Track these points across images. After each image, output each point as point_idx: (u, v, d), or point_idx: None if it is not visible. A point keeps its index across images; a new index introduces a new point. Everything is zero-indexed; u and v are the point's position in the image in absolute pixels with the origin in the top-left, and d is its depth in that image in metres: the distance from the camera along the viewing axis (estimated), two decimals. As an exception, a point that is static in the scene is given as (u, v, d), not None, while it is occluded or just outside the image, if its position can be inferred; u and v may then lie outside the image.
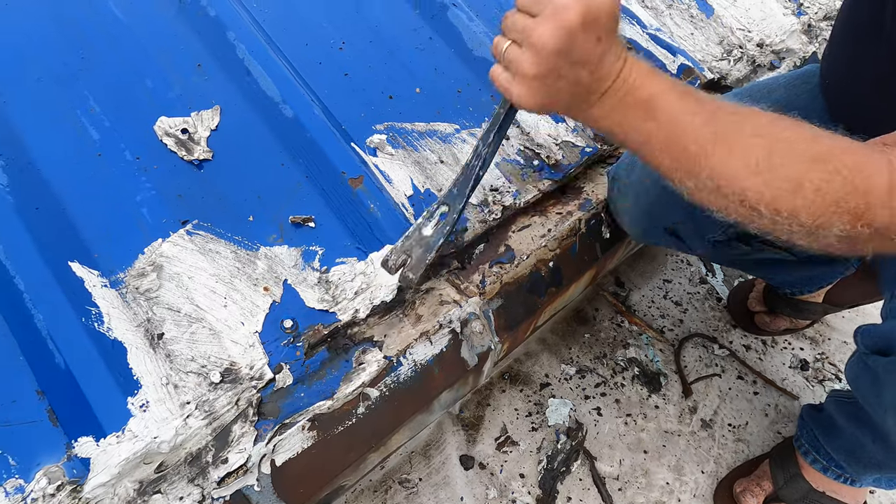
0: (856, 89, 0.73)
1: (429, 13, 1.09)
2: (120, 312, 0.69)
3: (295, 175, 0.85)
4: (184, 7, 0.95)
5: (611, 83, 0.54)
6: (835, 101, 0.78)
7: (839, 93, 0.77)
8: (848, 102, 0.75)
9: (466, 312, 0.81)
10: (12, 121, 0.77)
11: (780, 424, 1.13)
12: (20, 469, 0.60)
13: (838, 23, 0.77)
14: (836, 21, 0.78)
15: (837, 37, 0.77)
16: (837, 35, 0.77)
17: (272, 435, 0.66)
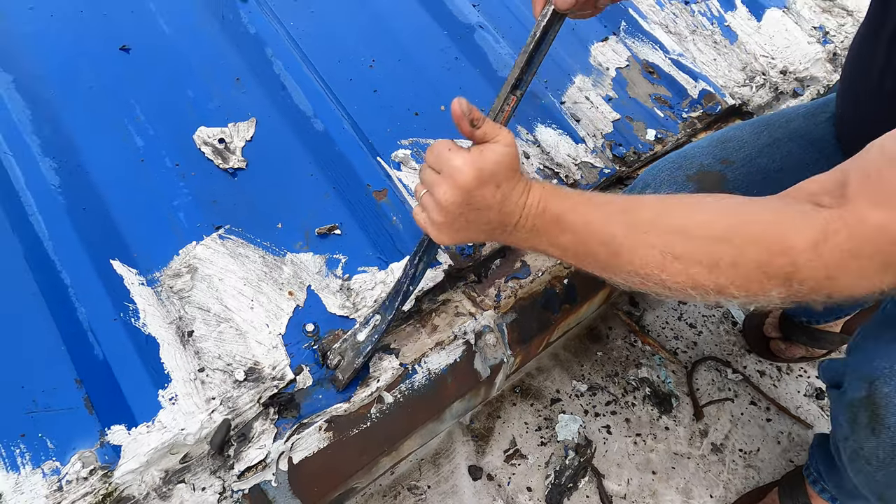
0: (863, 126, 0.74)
1: (456, 34, 1.13)
2: (155, 310, 0.73)
3: (323, 186, 0.89)
4: (226, 23, 1.01)
5: (519, 216, 0.60)
6: (846, 134, 0.79)
7: (850, 127, 0.78)
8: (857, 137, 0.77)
9: (481, 325, 0.83)
10: (66, 127, 0.83)
11: (793, 453, 1.12)
12: (57, 452, 0.64)
13: (847, 60, 0.79)
14: (846, 58, 0.80)
15: (846, 73, 0.78)
16: (846, 71, 0.78)
17: (291, 433, 0.69)
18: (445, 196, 0.58)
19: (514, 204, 0.59)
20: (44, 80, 0.86)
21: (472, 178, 0.57)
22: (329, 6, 1.09)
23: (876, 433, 0.58)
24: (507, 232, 0.62)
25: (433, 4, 1.16)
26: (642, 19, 1.31)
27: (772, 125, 0.88)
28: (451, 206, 0.58)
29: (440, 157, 0.59)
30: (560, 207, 0.58)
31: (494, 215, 0.60)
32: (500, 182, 0.58)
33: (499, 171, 0.57)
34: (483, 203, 0.58)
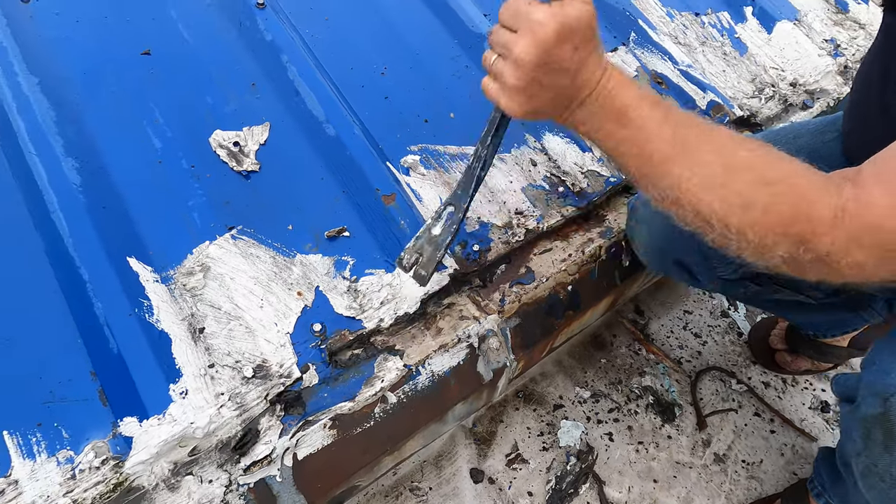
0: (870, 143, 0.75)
1: (467, 43, 1.16)
2: (168, 306, 0.76)
3: (333, 189, 0.91)
4: (243, 30, 1.04)
5: (590, 91, 0.57)
6: (853, 150, 0.80)
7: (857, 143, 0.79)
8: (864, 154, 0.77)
9: (485, 329, 0.84)
10: (89, 129, 0.86)
11: (797, 465, 1.11)
12: (71, 442, 0.66)
13: (858, 75, 0.79)
14: (857, 73, 0.80)
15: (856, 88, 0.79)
16: (856, 86, 0.79)
17: (296, 430, 0.71)
18: (524, 53, 0.54)
19: (589, 73, 0.57)
20: (68, 83, 0.90)
21: (554, 31, 0.53)
22: (343, 15, 1.12)
23: (890, 451, 0.58)
24: (573, 108, 0.59)
25: (445, 14, 1.18)
26: (652, 30, 1.33)
27: (778, 140, 0.88)
28: (529, 66, 0.55)
29: (518, 13, 0.55)
30: (630, 98, 0.56)
31: (567, 82, 0.56)
32: (580, 43, 0.55)
33: (579, 28, 0.54)
34: (561, 64, 0.55)
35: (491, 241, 0.92)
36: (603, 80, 0.57)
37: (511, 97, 0.58)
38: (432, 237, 0.73)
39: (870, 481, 0.64)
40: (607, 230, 1.01)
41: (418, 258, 0.73)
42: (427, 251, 0.73)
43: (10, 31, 0.91)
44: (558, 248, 0.96)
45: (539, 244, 0.96)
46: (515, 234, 0.94)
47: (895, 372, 0.60)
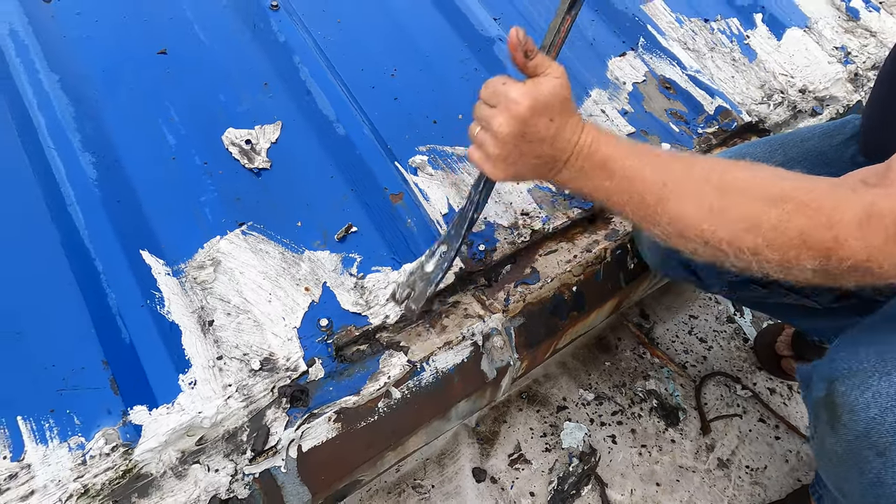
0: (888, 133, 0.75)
1: (476, 46, 1.17)
2: (179, 299, 0.77)
3: (342, 188, 0.92)
4: (257, 31, 1.06)
5: (570, 154, 0.61)
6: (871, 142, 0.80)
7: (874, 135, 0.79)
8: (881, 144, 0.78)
9: (489, 327, 0.85)
10: (106, 125, 0.89)
11: (801, 472, 1.11)
12: (83, 428, 0.68)
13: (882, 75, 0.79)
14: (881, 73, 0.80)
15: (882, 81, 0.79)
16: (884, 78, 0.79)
17: (301, 422, 0.72)
18: (502, 127, 0.59)
19: (566, 140, 0.60)
20: (87, 81, 0.92)
21: (527, 107, 0.58)
22: (355, 17, 1.14)
23: (835, 430, 0.59)
24: (557, 169, 0.62)
25: (455, 18, 1.20)
26: (661, 36, 1.33)
27: (786, 144, 0.89)
28: (507, 137, 0.59)
29: (496, 91, 0.60)
30: (610, 150, 0.60)
31: (547, 149, 0.61)
32: (554, 115, 0.59)
33: (553, 102, 0.59)
34: (537, 135, 0.59)
35: (497, 242, 0.93)
36: (581, 141, 0.60)
37: (494, 165, 0.63)
38: (424, 273, 0.77)
39: (821, 461, 0.65)
40: (613, 233, 1.01)
41: (410, 293, 0.77)
42: (419, 286, 0.77)
43: (33, 29, 0.94)
44: (563, 250, 0.97)
45: (544, 245, 0.97)
46: (521, 235, 0.95)
47: (840, 358, 0.61)
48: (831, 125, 0.91)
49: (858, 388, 0.57)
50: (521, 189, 1.01)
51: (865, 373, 0.58)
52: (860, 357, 0.60)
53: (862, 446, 0.56)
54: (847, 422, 0.58)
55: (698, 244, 0.56)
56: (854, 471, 0.58)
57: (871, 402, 0.56)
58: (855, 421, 0.57)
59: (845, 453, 0.59)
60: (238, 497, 0.68)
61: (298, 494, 0.71)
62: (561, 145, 0.61)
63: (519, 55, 0.60)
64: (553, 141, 0.60)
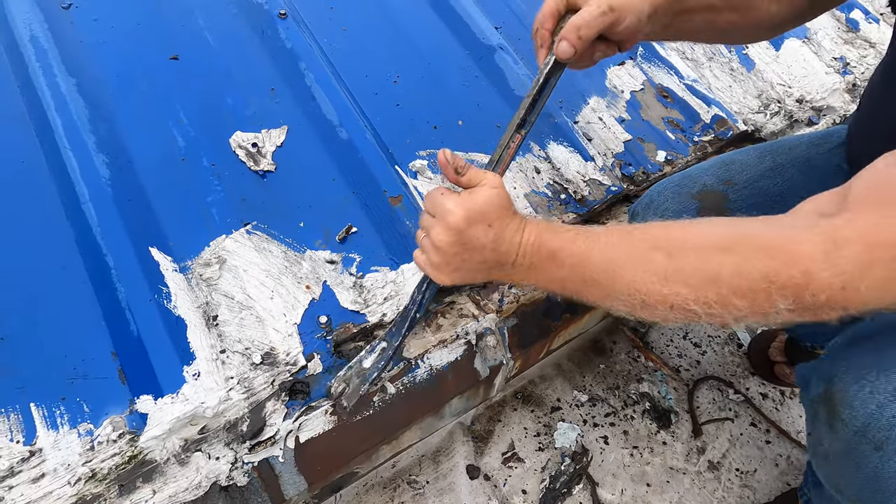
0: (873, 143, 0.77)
1: (478, 54, 1.20)
2: (185, 294, 0.81)
3: (343, 190, 0.96)
4: (265, 38, 1.10)
5: (516, 254, 0.62)
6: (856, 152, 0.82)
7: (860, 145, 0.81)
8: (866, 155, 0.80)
9: (483, 327, 0.88)
10: (119, 127, 0.93)
11: (791, 476, 1.12)
12: (91, 416, 0.71)
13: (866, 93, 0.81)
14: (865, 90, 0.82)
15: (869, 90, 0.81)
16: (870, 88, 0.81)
17: (299, 414, 0.75)
18: (439, 237, 0.62)
19: (508, 242, 0.62)
20: (103, 84, 0.96)
21: (462, 218, 0.60)
22: (361, 26, 1.18)
23: (833, 428, 0.61)
24: (506, 270, 0.64)
25: (457, 26, 1.23)
26: (659, 45, 1.36)
27: (775, 151, 0.91)
28: (445, 247, 0.62)
29: (434, 202, 0.63)
30: (555, 242, 0.61)
31: (489, 254, 0.62)
32: (492, 221, 0.61)
33: (488, 210, 0.61)
34: (476, 242, 0.61)
35: (492, 244, 0.96)
36: (524, 240, 0.62)
37: (438, 271, 0.65)
38: (361, 369, 0.76)
39: (817, 459, 0.66)
40: (607, 237, 1.04)
41: (344, 388, 0.76)
42: (354, 382, 0.76)
43: (52, 34, 0.99)
44: (558, 253, 1.00)
45: (539, 248, 1.00)
46: (516, 238, 0.98)
47: (839, 357, 0.63)
48: (818, 134, 0.93)
49: (856, 384, 0.58)
50: (517, 194, 1.04)
51: (863, 369, 0.59)
52: (858, 355, 0.61)
53: (860, 441, 0.57)
54: (845, 418, 0.59)
55: (664, 310, 0.54)
56: (852, 466, 0.59)
57: (868, 397, 0.57)
58: (853, 417, 0.58)
59: (843, 449, 0.60)
60: (237, 484, 0.71)
61: (295, 483, 0.74)
62: (504, 248, 0.62)
63: (450, 172, 0.64)
64: (494, 245, 0.62)
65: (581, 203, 1.05)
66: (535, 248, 0.61)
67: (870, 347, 0.61)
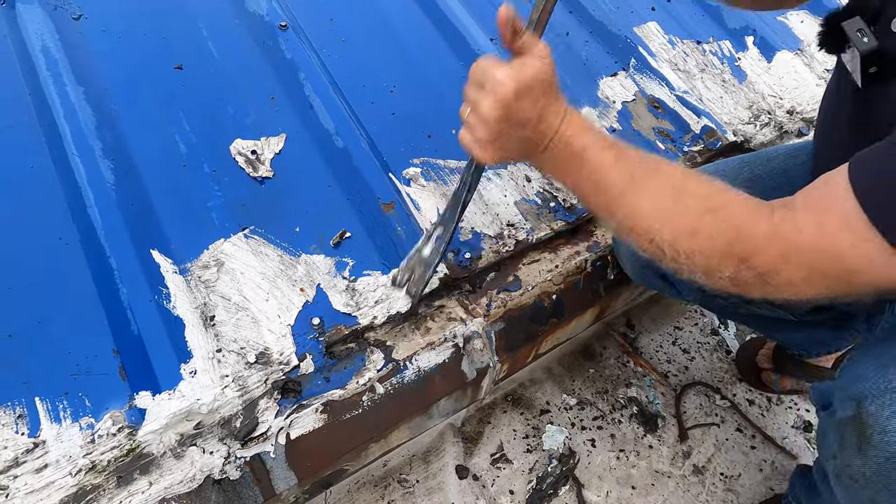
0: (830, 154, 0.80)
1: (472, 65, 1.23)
2: (184, 295, 0.84)
3: (338, 196, 0.99)
4: (266, 49, 1.14)
5: (550, 138, 0.64)
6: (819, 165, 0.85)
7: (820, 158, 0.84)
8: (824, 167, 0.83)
9: (470, 330, 0.91)
10: (123, 134, 0.97)
11: (774, 481, 1.14)
12: (93, 410, 0.75)
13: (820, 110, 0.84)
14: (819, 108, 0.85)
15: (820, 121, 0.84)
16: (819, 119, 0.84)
17: (290, 412, 0.79)
18: (489, 110, 0.61)
19: (548, 124, 0.63)
20: (109, 93, 1.00)
21: (512, 90, 0.60)
22: (359, 37, 1.22)
23: (863, 451, 0.60)
24: (539, 152, 0.66)
25: (453, 38, 1.27)
26: (651, 57, 1.39)
27: (753, 162, 0.94)
28: (493, 121, 0.62)
29: (484, 72, 0.62)
30: (587, 141, 0.63)
31: (530, 131, 0.63)
32: (538, 96, 0.62)
33: (536, 84, 0.61)
34: (522, 116, 0.62)
35: (482, 250, 0.99)
36: (562, 127, 0.64)
37: (484, 149, 0.66)
38: (422, 258, 0.80)
39: (844, 482, 0.66)
40: (594, 244, 1.06)
41: (410, 276, 0.80)
42: (418, 271, 0.80)
43: (62, 44, 1.03)
44: (546, 260, 1.03)
45: (528, 255, 1.03)
46: (506, 245, 1.01)
47: (867, 376, 0.62)
48: (795, 146, 0.95)
49: (890, 408, 0.58)
50: (507, 201, 1.07)
51: None
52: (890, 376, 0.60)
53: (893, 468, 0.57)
54: (878, 443, 0.58)
55: (644, 241, 0.61)
56: (884, 493, 0.59)
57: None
58: (887, 442, 0.57)
59: (875, 475, 0.59)
60: (230, 478, 0.74)
61: (285, 478, 0.77)
62: (543, 128, 0.63)
63: (507, 32, 0.62)
64: (537, 123, 0.63)
65: (570, 211, 1.08)
66: (570, 138, 0.64)
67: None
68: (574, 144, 0.64)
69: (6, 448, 0.70)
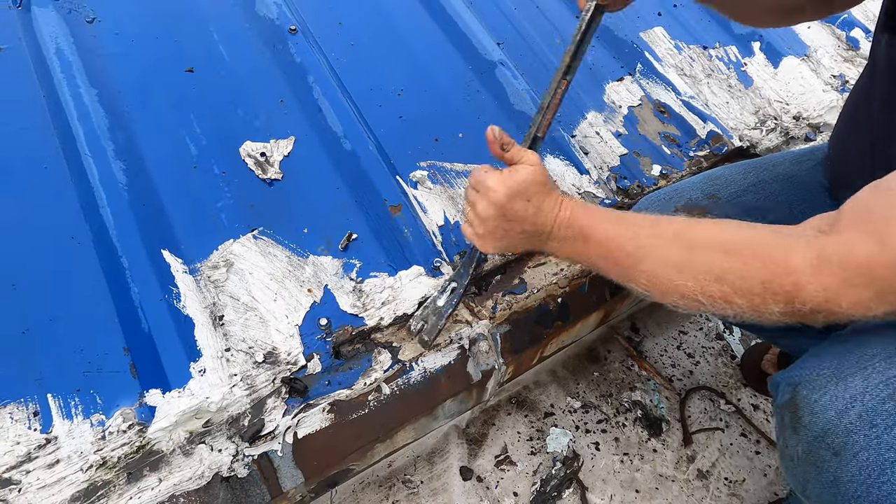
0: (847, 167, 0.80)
1: (479, 69, 1.25)
2: (193, 295, 0.86)
3: (346, 198, 1.00)
4: (276, 53, 1.15)
5: (551, 227, 0.70)
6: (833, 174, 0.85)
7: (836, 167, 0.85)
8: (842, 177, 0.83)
9: (476, 332, 0.92)
10: (136, 136, 0.98)
11: (779, 486, 1.14)
12: (104, 407, 0.76)
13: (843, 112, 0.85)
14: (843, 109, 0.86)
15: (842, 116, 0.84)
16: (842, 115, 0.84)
17: (298, 411, 0.79)
18: (484, 211, 0.70)
19: (545, 216, 0.70)
20: (122, 95, 1.02)
21: (504, 194, 0.68)
22: (368, 41, 1.23)
23: (796, 431, 0.63)
24: (542, 241, 0.72)
25: (461, 42, 1.28)
26: (657, 62, 1.39)
27: (759, 167, 0.94)
28: (489, 220, 0.70)
29: (478, 179, 0.72)
30: (588, 221, 0.68)
31: (528, 226, 0.70)
32: (531, 196, 0.69)
33: (527, 187, 0.69)
34: (516, 215, 0.69)
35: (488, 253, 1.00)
36: (560, 214, 0.70)
37: (483, 241, 0.74)
38: (437, 308, 0.87)
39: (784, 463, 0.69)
40: (599, 248, 1.07)
41: (423, 326, 0.87)
42: (431, 320, 0.87)
43: (76, 47, 1.05)
44: (551, 263, 1.03)
45: (533, 258, 1.04)
46: (511, 248, 1.01)
47: (805, 366, 0.66)
48: (801, 151, 0.96)
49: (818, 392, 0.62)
50: (513, 205, 1.07)
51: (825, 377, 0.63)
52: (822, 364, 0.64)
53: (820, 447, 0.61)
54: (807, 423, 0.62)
55: (676, 297, 0.63)
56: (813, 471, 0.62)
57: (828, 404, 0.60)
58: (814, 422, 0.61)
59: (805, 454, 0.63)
60: (238, 476, 0.75)
61: (292, 477, 0.78)
62: (541, 220, 0.70)
63: (496, 148, 0.71)
64: (534, 218, 0.69)
65: (575, 215, 1.08)
66: (570, 222, 0.69)
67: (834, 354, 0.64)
68: (574, 226, 0.69)
69: (19, 443, 0.71)
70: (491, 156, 0.74)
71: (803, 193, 0.88)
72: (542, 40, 1.36)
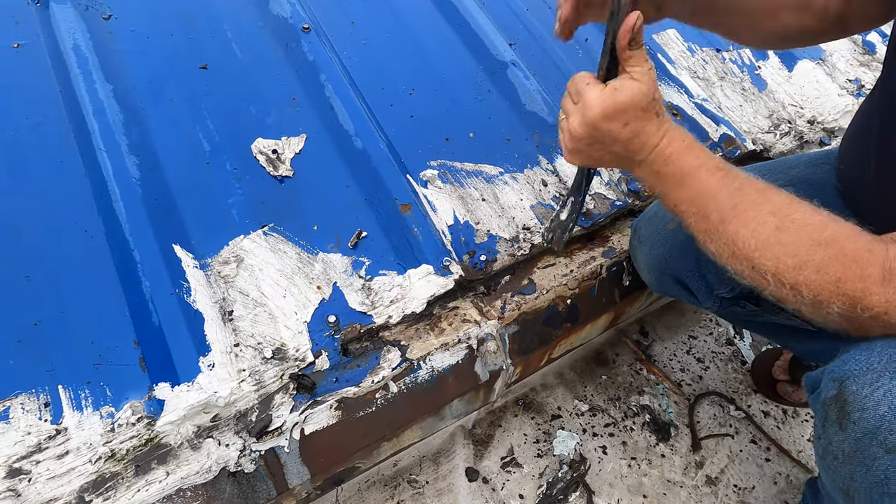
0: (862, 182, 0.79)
1: (490, 69, 1.25)
2: (204, 290, 0.86)
3: (356, 196, 1.00)
4: (289, 51, 1.16)
5: (645, 156, 0.66)
6: (846, 185, 0.84)
7: (849, 179, 0.83)
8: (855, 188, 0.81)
9: (484, 332, 0.91)
10: (149, 131, 0.99)
11: (789, 495, 1.12)
12: (113, 400, 0.76)
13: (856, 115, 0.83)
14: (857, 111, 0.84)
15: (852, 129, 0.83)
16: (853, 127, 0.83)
17: (305, 408, 0.79)
18: (574, 127, 0.66)
19: (641, 143, 0.65)
20: (137, 91, 1.03)
21: (600, 114, 0.63)
22: (380, 40, 1.23)
23: (843, 428, 0.61)
24: (634, 164, 0.68)
25: (473, 42, 1.28)
26: (670, 64, 1.39)
27: (773, 170, 0.93)
28: (577, 136, 0.67)
29: (578, 89, 0.66)
30: (687, 164, 0.64)
31: (620, 148, 0.66)
32: (629, 120, 0.64)
33: (628, 108, 0.63)
34: (609, 136, 0.65)
35: (497, 253, 1.00)
36: (660, 146, 0.65)
37: (571, 154, 0.72)
38: (560, 222, 0.87)
39: (826, 461, 0.67)
40: (610, 250, 1.06)
41: (552, 237, 0.89)
42: (557, 233, 0.88)
43: (93, 44, 1.06)
44: (561, 264, 1.03)
45: (543, 259, 1.03)
46: (521, 248, 1.01)
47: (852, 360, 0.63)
48: (815, 155, 0.94)
49: (870, 386, 0.59)
50: (524, 205, 1.07)
51: (877, 372, 0.59)
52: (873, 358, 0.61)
53: (871, 443, 0.58)
54: (857, 419, 0.60)
55: (746, 268, 0.61)
56: (861, 468, 0.60)
57: (881, 399, 0.58)
58: (865, 418, 0.59)
59: (853, 451, 0.60)
60: (245, 471, 0.75)
61: (299, 473, 0.78)
62: (635, 147, 0.65)
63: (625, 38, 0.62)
64: (627, 143, 0.65)
65: (586, 216, 1.08)
66: (667, 158, 0.65)
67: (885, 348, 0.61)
68: (675, 164, 0.65)
69: (30, 434, 0.72)
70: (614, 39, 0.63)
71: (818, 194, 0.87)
72: (553, 41, 1.36)
